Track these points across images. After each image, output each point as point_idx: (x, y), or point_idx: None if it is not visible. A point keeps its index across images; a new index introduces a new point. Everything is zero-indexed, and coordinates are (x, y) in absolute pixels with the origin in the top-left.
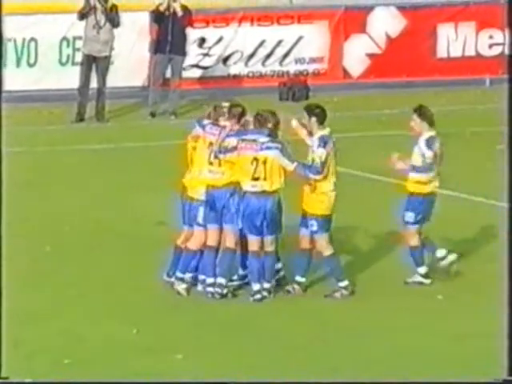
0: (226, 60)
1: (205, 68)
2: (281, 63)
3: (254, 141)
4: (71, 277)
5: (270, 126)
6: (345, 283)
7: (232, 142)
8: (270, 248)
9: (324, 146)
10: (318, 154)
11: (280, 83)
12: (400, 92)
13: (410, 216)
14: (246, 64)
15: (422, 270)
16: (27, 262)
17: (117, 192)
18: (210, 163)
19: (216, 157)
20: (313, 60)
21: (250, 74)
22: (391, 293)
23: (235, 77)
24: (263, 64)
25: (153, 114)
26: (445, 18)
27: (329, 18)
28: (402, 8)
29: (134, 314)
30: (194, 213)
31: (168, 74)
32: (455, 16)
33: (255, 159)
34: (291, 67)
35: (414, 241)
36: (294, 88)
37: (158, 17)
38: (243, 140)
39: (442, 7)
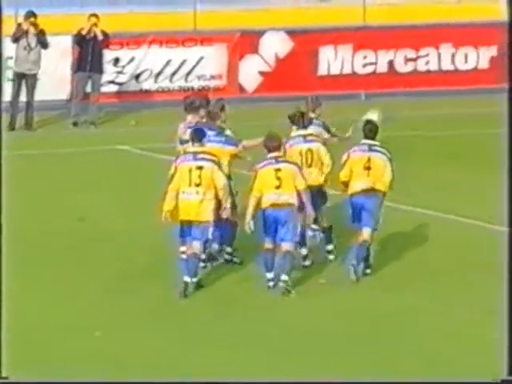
0: (137, 77)
1: (120, 84)
2: (186, 80)
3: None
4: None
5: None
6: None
7: None
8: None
9: None
10: None
11: (184, 97)
12: (289, 105)
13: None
14: (156, 80)
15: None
16: None
17: (43, 192)
18: None
19: None
20: (213, 77)
21: (159, 89)
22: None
23: (146, 92)
24: (170, 80)
25: (75, 124)
26: (326, 42)
27: (227, 41)
28: (289, 32)
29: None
30: None
31: (88, 89)
32: (335, 40)
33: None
34: (195, 83)
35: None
36: None
37: (81, 40)
38: None
39: (323, 32)
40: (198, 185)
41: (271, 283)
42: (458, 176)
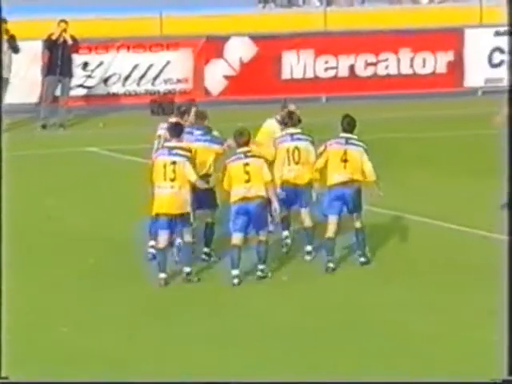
0: (106, 81)
1: (88, 88)
2: (152, 83)
3: None
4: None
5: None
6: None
7: None
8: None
9: None
10: None
11: (151, 100)
12: (252, 107)
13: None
14: (123, 84)
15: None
16: None
17: (13, 193)
18: None
19: None
20: (179, 81)
21: (127, 93)
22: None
23: (114, 95)
24: (138, 84)
25: (44, 127)
26: (288, 47)
27: (192, 45)
28: (253, 38)
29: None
30: None
31: (57, 92)
32: (297, 45)
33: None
34: (161, 87)
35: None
36: (163, 105)
37: (51, 44)
38: None
39: (286, 38)
40: (172, 179)
41: (236, 280)
42: (427, 178)
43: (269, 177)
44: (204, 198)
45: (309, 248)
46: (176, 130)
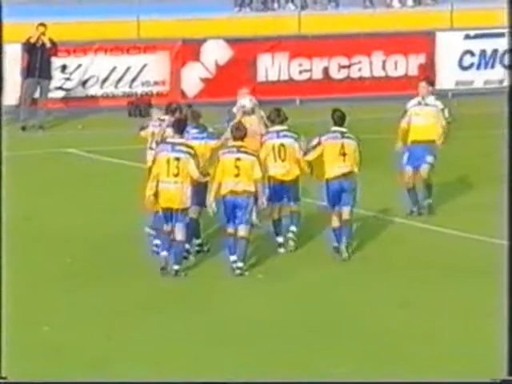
0: (84, 83)
1: (67, 90)
2: (130, 86)
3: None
4: None
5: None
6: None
7: None
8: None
9: None
10: None
11: (128, 102)
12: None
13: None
14: (101, 87)
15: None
16: None
17: None
18: None
19: None
20: (156, 83)
21: (105, 95)
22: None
23: (92, 97)
24: (115, 87)
25: (23, 128)
26: (264, 50)
27: (169, 48)
28: (229, 41)
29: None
30: None
31: (36, 94)
32: (272, 48)
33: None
34: (139, 89)
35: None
36: (140, 106)
37: (30, 48)
38: None
39: (261, 41)
40: (176, 175)
41: (234, 265)
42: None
43: (259, 174)
44: (195, 194)
45: (293, 228)
46: (180, 127)
